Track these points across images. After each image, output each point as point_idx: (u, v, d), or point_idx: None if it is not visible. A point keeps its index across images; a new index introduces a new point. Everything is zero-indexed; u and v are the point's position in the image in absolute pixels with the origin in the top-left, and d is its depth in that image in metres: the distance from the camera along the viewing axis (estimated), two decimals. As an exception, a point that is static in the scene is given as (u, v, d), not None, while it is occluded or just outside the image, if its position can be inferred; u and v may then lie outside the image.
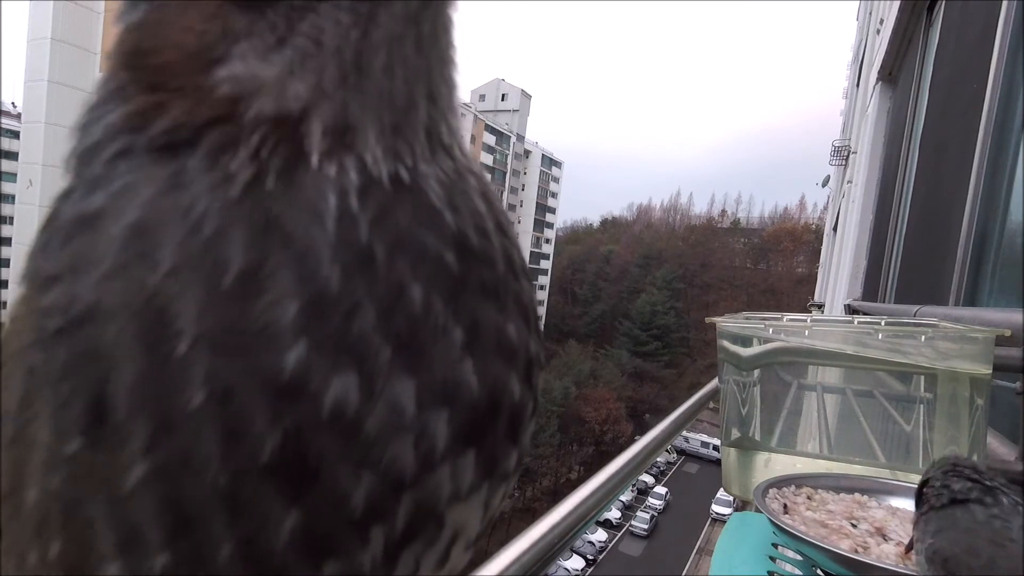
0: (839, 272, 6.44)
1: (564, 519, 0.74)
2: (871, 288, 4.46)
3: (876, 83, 5.09)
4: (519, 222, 58.51)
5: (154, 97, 0.25)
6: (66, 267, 0.24)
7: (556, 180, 64.88)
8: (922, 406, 1.05)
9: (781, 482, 0.92)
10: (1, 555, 0.26)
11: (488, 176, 0.33)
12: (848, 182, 7.00)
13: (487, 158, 52.80)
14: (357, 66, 0.24)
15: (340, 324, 0.23)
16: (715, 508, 27.12)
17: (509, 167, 56.32)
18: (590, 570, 28.37)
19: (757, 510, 0.88)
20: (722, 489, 1.26)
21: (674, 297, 64.87)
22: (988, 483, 0.56)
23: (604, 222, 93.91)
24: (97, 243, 0.23)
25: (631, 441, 1.67)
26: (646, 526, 31.61)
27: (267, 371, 0.22)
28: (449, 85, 0.28)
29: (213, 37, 0.25)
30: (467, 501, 0.27)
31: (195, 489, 0.22)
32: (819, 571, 0.75)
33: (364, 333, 0.23)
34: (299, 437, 0.22)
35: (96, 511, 0.22)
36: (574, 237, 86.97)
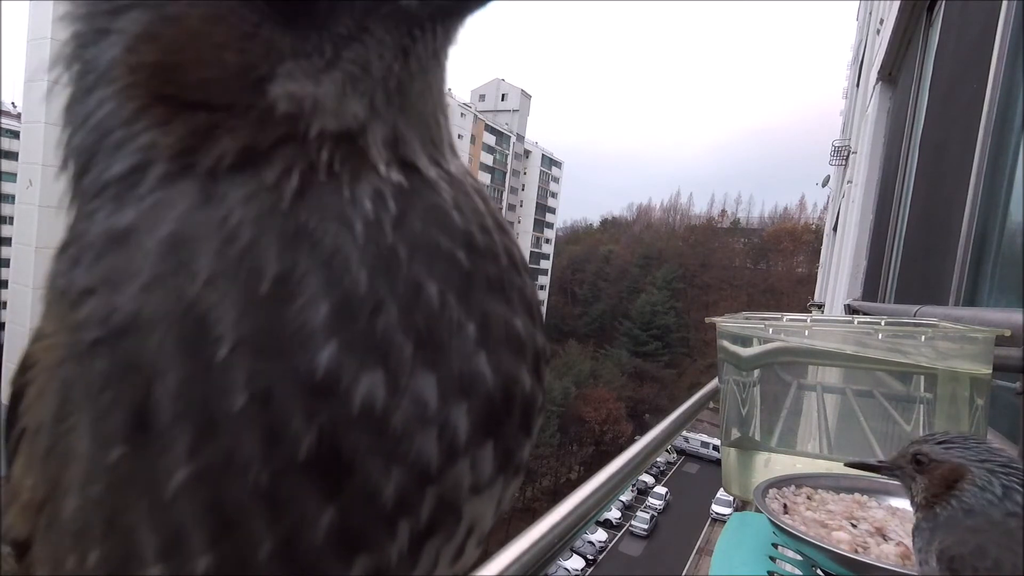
0: (839, 272, 6.44)
1: (564, 519, 0.74)
2: (871, 288, 4.46)
3: (876, 83, 5.09)
4: (519, 222, 58.54)
5: (200, 118, 0.25)
6: (100, 281, 0.24)
7: (556, 180, 64.92)
8: (922, 406, 1.05)
9: (781, 482, 0.92)
10: (34, 563, 0.27)
11: (476, 176, 0.36)
12: (848, 182, 7.00)
13: (487, 158, 52.82)
14: (400, 91, 0.27)
15: (367, 323, 0.24)
16: (715, 508, 27.09)
17: (509, 167, 56.33)
18: (590, 570, 28.39)
19: (757, 510, 0.88)
20: (722, 489, 1.26)
21: (674, 297, 64.90)
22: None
23: (604, 222, 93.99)
24: (133, 257, 0.24)
25: (631, 441, 1.67)
26: (646, 526, 31.65)
27: (303, 371, 0.23)
28: (445, 102, 0.31)
29: (256, 55, 0.25)
30: (483, 494, 0.28)
31: (237, 490, 0.22)
32: (819, 571, 0.75)
33: (388, 331, 0.24)
34: (333, 434, 0.23)
35: (138, 517, 0.23)
36: (574, 237, 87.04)
